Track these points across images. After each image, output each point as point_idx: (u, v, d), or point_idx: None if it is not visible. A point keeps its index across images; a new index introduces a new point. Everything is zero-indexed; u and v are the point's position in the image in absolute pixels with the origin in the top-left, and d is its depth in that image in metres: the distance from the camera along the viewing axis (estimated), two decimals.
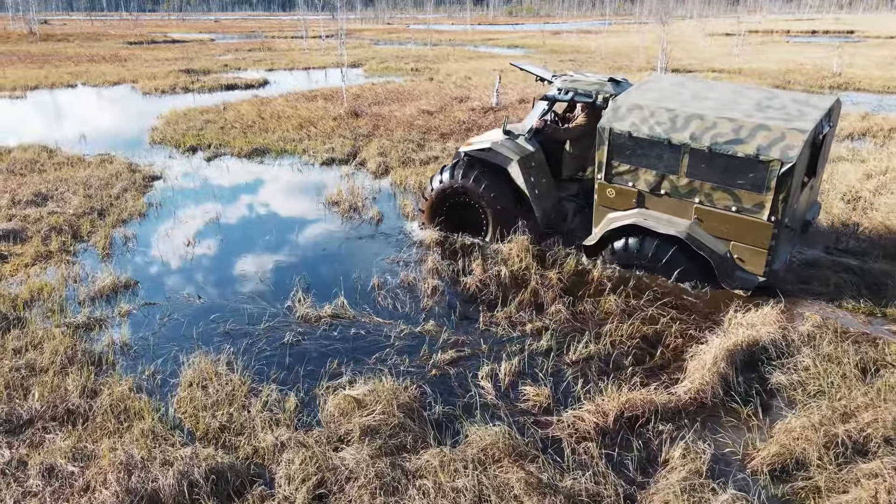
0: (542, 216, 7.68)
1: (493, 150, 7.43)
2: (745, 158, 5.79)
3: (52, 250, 7.92)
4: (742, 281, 6.37)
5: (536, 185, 7.57)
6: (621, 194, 6.74)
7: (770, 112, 6.07)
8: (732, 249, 6.32)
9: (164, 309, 6.52)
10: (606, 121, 6.53)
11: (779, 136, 5.68)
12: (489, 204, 7.65)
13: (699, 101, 6.46)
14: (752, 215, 6.00)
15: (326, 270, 7.51)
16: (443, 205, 8.02)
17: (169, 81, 24.34)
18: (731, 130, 5.89)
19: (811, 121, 5.83)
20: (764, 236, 6.01)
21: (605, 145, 6.59)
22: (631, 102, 6.49)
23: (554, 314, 6.36)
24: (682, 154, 6.13)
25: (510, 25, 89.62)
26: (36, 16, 63.45)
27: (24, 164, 11.89)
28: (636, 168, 6.53)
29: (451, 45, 46.33)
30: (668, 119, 6.21)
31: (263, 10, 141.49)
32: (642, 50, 42.46)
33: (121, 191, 10.39)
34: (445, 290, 6.89)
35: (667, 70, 26.43)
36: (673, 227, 6.36)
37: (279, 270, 7.46)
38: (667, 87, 6.93)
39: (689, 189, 6.27)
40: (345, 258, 7.89)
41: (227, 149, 13.80)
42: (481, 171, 7.59)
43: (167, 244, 8.34)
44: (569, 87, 7.46)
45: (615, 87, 7.31)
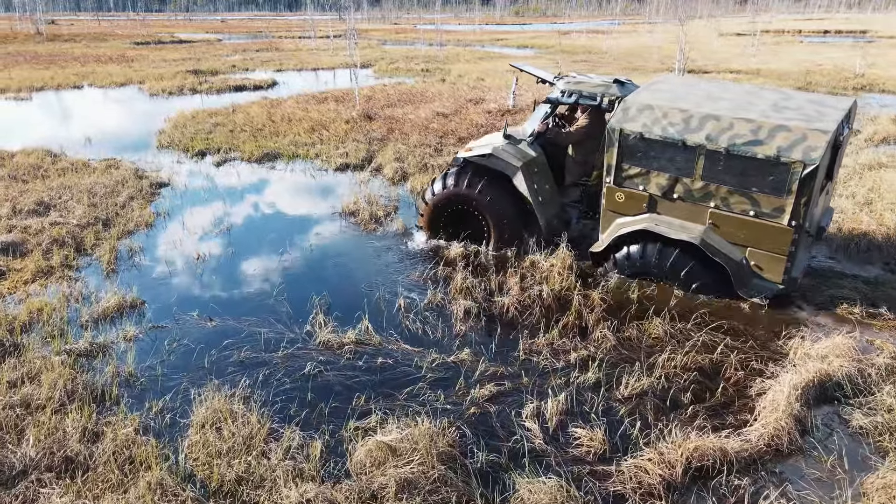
0: (546, 224, 7.37)
1: (495, 157, 7.09)
2: (765, 160, 5.53)
3: (53, 265, 7.42)
4: (759, 289, 6.07)
5: (540, 192, 7.25)
6: (631, 198, 6.44)
7: (787, 113, 5.80)
8: (749, 256, 6.02)
9: (172, 333, 6.00)
10: (616, 121, 6.23)
11: (800, 136, 5.44)
12: (491, 212, 7.34)
13: (713, 101, 6.17)
14: (771, 220, 5.72)
15: (347, 289, 6.97)
16: (442, 213, 7.67)
17: (176, 82, 23.89)
18: (750, 131, 5.61)
19: (832, 121, 5.57)
20: (783, 242, 5.74)
21: (614, 147, 6.29)
22: (642, 103, 6.19)
23: (599, 341, 5.81)
24: (698, 156, 5.85)
25: (518, 25, 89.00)
26: (43, 16, 63.30)
27: (27, 170, 11.41)
28: (647, 171, 6.23)
29: (461, 46, 45.77)
30: (681, 120, 5.93)
31: (270, 10, 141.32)
32: (655, 50, 41.86)
33: (127, 199, 9.89)
34: (479, 312, 6.34)
35: (684, 71, 25.81)
36: (686, 233, 6.07)
37: (296, 288, 6.92)
38: (677, 87, 6.64)
39: (703, 193, 5.99)
40: (366, 275, 7.35)
41: (237, 153, 13.29)
42: (482, 178, 7.25)
43: (175, 258, 7.83)
44: (572, 90, 7.10)
45: (620, 88, 6.99)
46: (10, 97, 21.63)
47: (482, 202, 7.30)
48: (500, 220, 7.36)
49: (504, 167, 7.10)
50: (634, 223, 6.43)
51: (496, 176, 7.22)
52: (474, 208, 7.42)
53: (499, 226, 7.39)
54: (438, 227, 7.84)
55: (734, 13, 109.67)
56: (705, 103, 6.11)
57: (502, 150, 7.08)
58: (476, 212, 7.45)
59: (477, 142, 7.61)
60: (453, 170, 7.52)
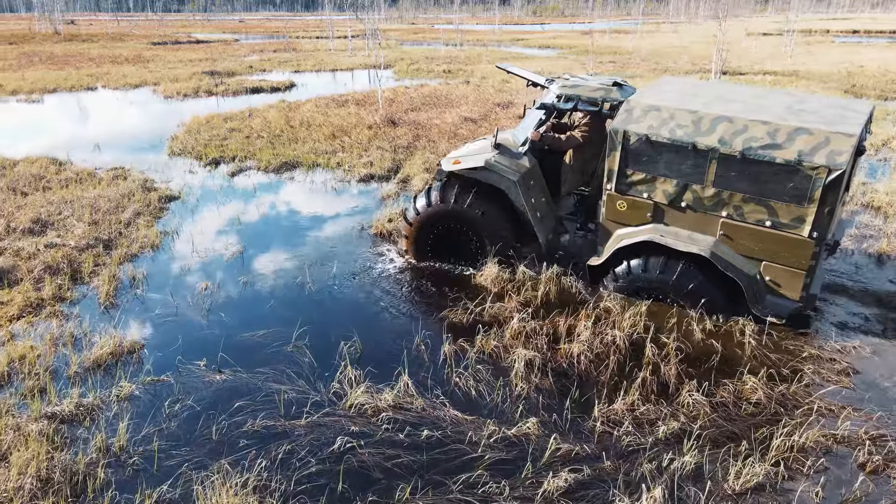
0: (546, 240, 6.76)
1: (488, 170, 6.44)
2: (785, 165, 5.06)
3: (44, 298, 6.51)
4: (775, 307, 5.56)
5: (538, 206, 6.68)
6: (634, 207, 5.93)
7: (805, 116, 5.34)
8: (764, 270, 5.53)
9: (174, 389, 5.04)
10: (620, 123, 5.73)
11: (823, 140, 4.97)
12: (485, 230, 6.72)
13: (723, 103, 5.70)
14: (790, 231, 5.25)
15: (380, 333, 5.97)
16: (429, 231, 6.99)
17: (192, 84, 23.09)
18: (767, 134, 5.15)
19: (856, 125, 5.13)
20: (803, 255, 5.27)
21: (617, 151, 5.79)
22: (647, 104, 5.72)
23: (689, 406, 4.75)
24: (709, 160, 5.38)
25: (538, 25, 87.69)
26: (63, 16, 63.19)
27: (28, 181, 10.56)
28: (653, 177, 5.74)
29: (481, 46, 44.70)
30: (691, 122, 5.46)
31: (287, 9, 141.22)
32: (681, 50, 40.51)
33: (132, 216, 8.98)
34: (542, 364, 5.31)
35: (720, 74, 24.55)
36: (695, 245, 5.58)
37: (320, 331, 5.93)
38: (683, 88, 6.21)
39: (715, 201, 5.51)
40: (402, 315, 6.33)
41: (253, 162, 12.36)
42: (474, 193, 6.62)
43: (181, 288, 6.88)
44: (570, 94, 6.44)
45: (620, 91, 6.41)
46: (22, 99, 20.96)
47: (474, 219, 6.65)
48: (495, 239, 6.73)
49: (498, 181, 6.45)
50: (637, 234, 5.89)
51: (488, 190, 6.59)
52: (465, 226, 6.75)
53: (493, 245, 6.74)
54: (425, 247, 7.13)
55: (754, 13, 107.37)
56: (715, 104, 5.64)
57: (496, 163, 6.42)
58: (467, 230, 6.79)
59: (461, 151, 6.87)
60: (439, 184, 6.82)
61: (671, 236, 5.72)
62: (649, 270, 5.92)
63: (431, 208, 6.77)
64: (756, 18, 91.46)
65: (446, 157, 6.83)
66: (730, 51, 28.87)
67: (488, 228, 6.69)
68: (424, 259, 7.19)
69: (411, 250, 7.22)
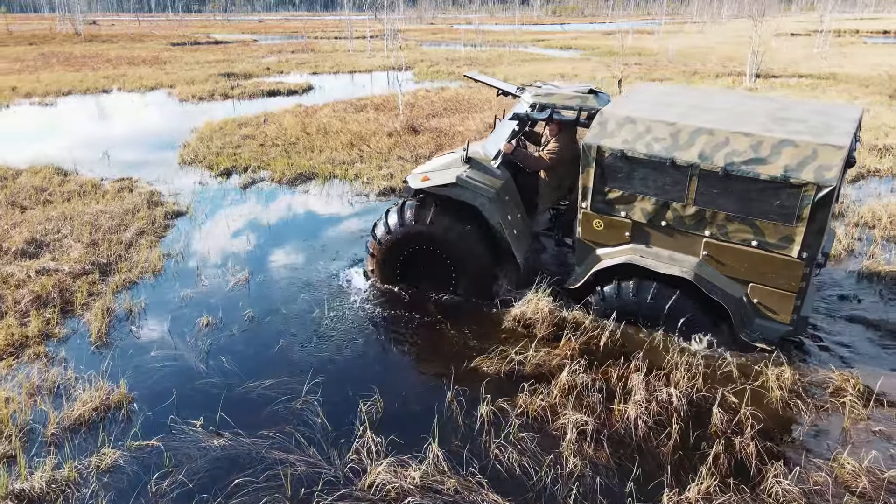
0: (524, 260, 6.30)
1: (460, 186, 5.98)
2: (770, 182, 4.72)
3: (29, 335, 5.84)
4: (764, 331, 5.22)
5: (514, 224, 6.25)
6: (612, 226, 5.59)
7: (791, 125, 5.00)
8: (751, 293, 5.18)
9: (164, 458, 4.31)
10: (593, 138, 5.36)
11: (810, 153, 4.64)
12: (460, 252, 6.22)
13: (701, 112, 5.37)
14: (777, 251, 4.92)
15: (406, 386, 5.19)
16: (398, 254, 6.47)
17: (207, 87, 22.56)
18: (750, 147, 4.81)
19: (845, 135, 4.79)
20: (793, 277, 4.93)
21: (591, 167, 5.44)
22: (621, 115, 5.36)
23: (776, 498, 3.92)
24: (689, 177, 5.04)
25: (558, 25, 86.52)
26: (85, 16, 63.39)
27: (30, 194, 9.97)
28: (631, 194, 5.37)
29: (500, 47, 43.84)
30: (668, 134, 5.11)
31: (306, 9, 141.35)
32: (707, 51, 39.27)
33: (135, 235, 8.31)
34: (595, 431, 4.51)
35: (755, 76, 23.48)
36: (677, 267, 5.26)
37: (334, 384, 5.18)
38: (659, 97, 5.88)
39: (697, 220, 5.16)
40: (431, 363, 5.55)
41: (267, 172, 11.68)
42: (444, 211, 6.17)
43: (180, 324, 6.17)
44: (544, 103, 6.06)
45: (597, 99, 6.05)
46: (35, 102, 20.56)
47: (448, 241, 6.16)
48: (470, 261, 6.25)
49: (471, 197, 6.00)
50: (616, 255, 5.56)
51: (460, 208, 6.14)
52: (439, 248, 6.25)
53: (468, 268, 6.29)
54: (394, 271, 6.61)
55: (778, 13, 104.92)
56: (693, 115, 5.29)
57: (468, 178, 5.99)
58: (441, 252, 6.28)
59: (429, 166, 6.41)
60: (412, 202, 6.31)
61: (651, 257, 5.39)
62: (629, 294, 5.58)
63: (405, 228, 6.25)
64: (782, 18, 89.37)
65: (413, 173, 6.35)
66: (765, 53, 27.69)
67: (463, 251, 6.18)
68: (392, 283, 6.69)
69: (378, 272, 6.70)
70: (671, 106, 5.55)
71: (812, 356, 5.55)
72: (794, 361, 5.31)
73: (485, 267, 6.29)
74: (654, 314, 5.52)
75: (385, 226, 6.38)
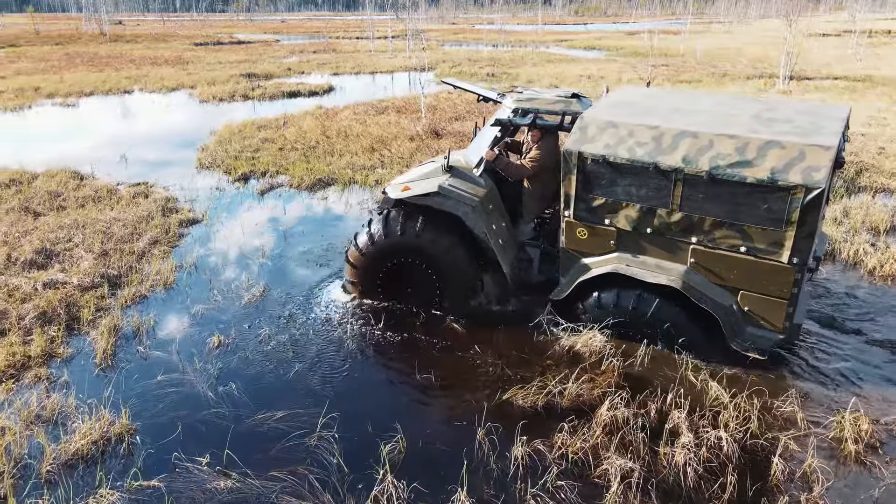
0: (511, 271, 6.07)
1: (443, 195, 5.75)
2: (757, 185, 4.56)
3: (31, 355, 5.53)
4: (756, 340, 5.04)
5: (499, 233, 6.00)
6: (596, 235, 5.40)
7: (777, 126, 4.86)
8: (742, 300, 5.01)
9: (165, 501, 3.94)
10: (573, 143, 5.19)
11: (797, 154, 4.50)
12: (444, 263, 5.97)
13: (685, 115, 5.22)
14: (767, 257, 4.75)
15: (431, 421, 4.78)
16: (379, 267, 6.21)
17: (228, 88, 22.40)
18: (735, 150, 4.67)
19: (833, 134, 4.66)
20: (784, 283, 4.76)
21: (572, 174, 5.26)
22: (602, 120, 5.21)
23: None
24: (674, 182, 4.86)
25: (581, 25, 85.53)
26: (111, 16, 64.10)
27: (43, 199, 9.75)
28: (614, 201, 5.18)
29: (523, 47, 43.28)
30: (651, 138, 4.95)
31: (329, 9, 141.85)
32: (735, 51, 38.30)
33: (147, 244, 8.02)
34: (642, 479, 4.05)
35: (789, 79, 22.67)
36: (665, 275, 5.09)
37: (353, 416, 4.78)
38: (641, 100, 5.69)
39: (684, 226, 4.98)
40: (459, 394, 5.12)
41: (286, 177, 11.37)
42: (427, 222, 5.90)
43: (190, 344, 5.82)
44: (527, 108, 5.88)
45: (581, 104, 5.90)
46: (57, 103, 20.57)
47: (434, 252, 5.91)
48: (455, 273, 6.02)
49: (454, 206, 5.77)
50: (601, 264, 5.39)
51: (444, 218, 5.91)
52: (423, 260, 6.00)
53: (453, 280, 6.04)
54: (375, 284, 6.34)
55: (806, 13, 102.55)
56: (677, 118, 5.15)
57: (450, 187, 5.76)
58: (424, 264, 6.04)
59: (409, 176, 6.18)
60: (394, 212, 6.06)
61: (638, 266, 5.21)
62: (617, 303, 5.40)
63: (388, 239, 5.99)
64: (811, 18, 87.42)
65: (392, 184, 6.14)
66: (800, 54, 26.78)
67: (447, 262, 5.94)
68: (374, 297, 6.42)
69: (358, 286, 6.43)
70: (654, 109, 5.40)
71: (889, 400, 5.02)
72: (869, 405, 4.80)
73: (469, 278, 6.08)
74: (642, 324, 5.35)
75: (367, 239, 6.10)
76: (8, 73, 27.18)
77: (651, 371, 5.25)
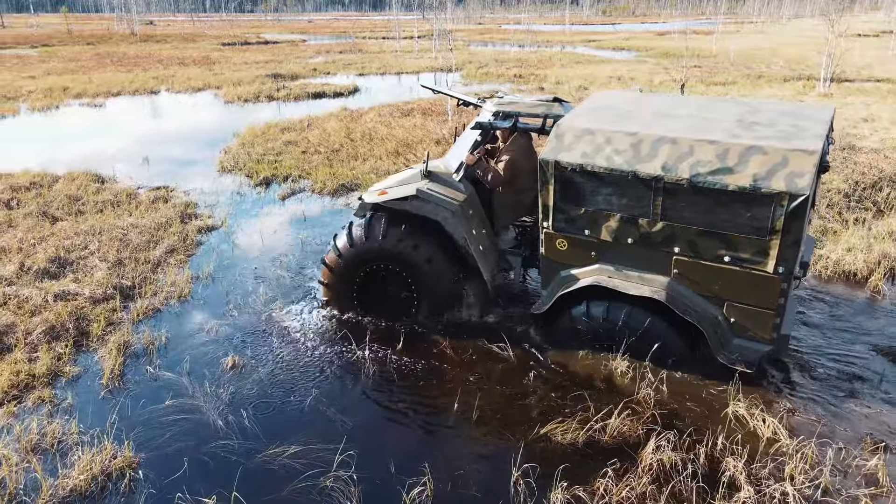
0: (491, 278, 5.90)
1: (421, 199, 5.58)
2: (739, 193, 4.41)
3: (36, 374, 5.25)
4: (743, 352, 4.86)
5: (479, 239, 5.83)
6: (576, 246, 5.22)
7: (759, 130, 4.70)
8: (727, 312, 4.85)
9: None
10: (550, 152, 5.00)
11: (780, 160, 4.34)
12: (422, 271, 5.76)
13: (665, 120, 5.04)
14: (752, 266, 4.59)
15: (461, 458, 4.36)
16: (354, 275, 5.97)
17: (253, 88, 22.27)
18: (716, 157, 4.51)
19: (816, 138, 4.49)
20: (770, 293, 4.61)
21: (550, 184, 5.07)
22: (579, 126, 5.02)
23: None
24: (654, 191, 4.69)
25: (609, 25, 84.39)
26: (143, 17, 64.98)
27: (62, 203, 9.56)
28: (594, 211, 5.01)
29: (552, 48, 42.63)
30: (629, 145, 4.78)
31: (355, 9, 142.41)
32: (769, 52, 37.16)
33: (164, 253, 7.74)
34: None
35: (829, 81, 21.76)
36: (647, 287, 4.93)
37: (370, 453, 4.39)
38: (619, 104, 5.53)
39: (665, 235, 4.81)
40: (493, 428, 4.70)
41: (308, 182, 11.07)
42: (405, 228, 5.73)
43: (202, 364, 5.49)
44: (508, 111, 5.74)
45: (564, 108, 5.71)
46: (84, 103, 20.63)
47: (411, 259, 5.70)
48: (434, 281, 5.80)
49: (433, 211, 5.60)
50: (581, 276, 5.23)
51: (421, 224, 5.74)
52: (400, 268, 5.78)
53: (431, 288, 5.83)
54: (350, 295, 6.09)
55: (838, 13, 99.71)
56: (656, 123, 4.97)
57: (429, 191, 5.59)
58: (402, 272, 5.82)
59: (387, 182, 5.99)
60: (367, 218, 5.86)
61: (620, 278, 5.05)
62: (600, 317, 5.25)
63: (361, 245, 5.77)
64: (846, 18, 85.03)
65: (370, 190, 5.97)
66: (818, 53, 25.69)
67: (426, 269, 5.72)
68: (350, 309, 6.16)
69: (332, 298, 6.18)
70: (634, 113, 5.22)
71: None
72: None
73: (449, 286, 5.87)
74: (626, 337, 5.17)
75: (338, 247, 5.87)
76: (39, 72, 27.48)
77: (695, 401, 4.78)
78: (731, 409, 4.65)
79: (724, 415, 4.64)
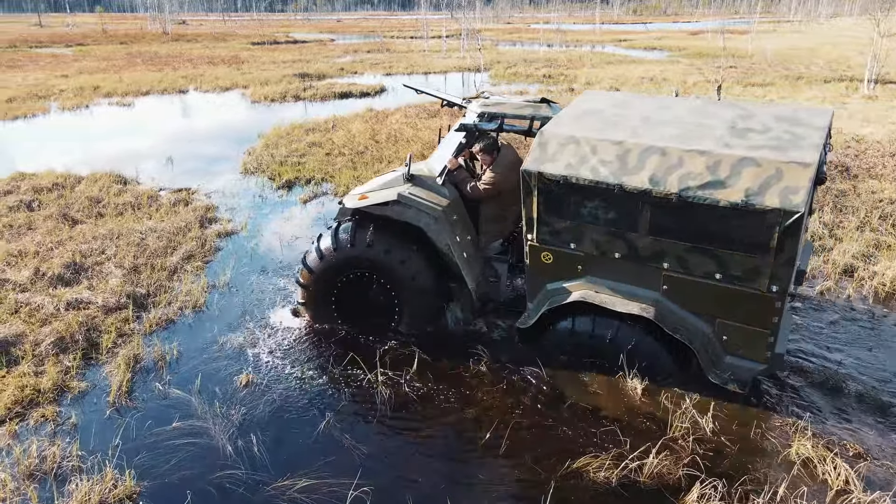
0: (476, 286, 5.69)
1: (402, 204, 5.35)
2: (730, 209, 4.09)
3: (41, 388, 5.03)
4: (736, 371, 4.62)
5: (463, 246, 5.61)
6: (562, 259, 4.98)
7: (753, 137, 4.37)
8: (719, 329, 4.60)
9: None
10: (533, 162, 4.73)
11: (773, 173, 4.02)
12: (404, 279, 5.52)
13: (654, 127, 4.73)
14: (744, 285, 4.30)
15: (488, 497, 4.01)
16: (333, 283, 5.73)
17: (280, 88, 22.18)
18: (706, 169, 4.20)
19: (813, 148, 4.14)
20: (764, 312, 4.32)
21: (533, 195, 4.81)
22: (563, 134, 4.74)
23: None
24: (641, 204, 4.43)
25: (641, 25, 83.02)
26: (176, 16, 65.87)
27: (83, 205, 9.44)
28: (579, 225, 4.75)
29: (582, 47, 41.93)
30: (615, 156, 4.52)
31: (384, 9, 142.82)
32: (807, 52, 35.94)
33: (181, 259, 7.52)
34: None
35: (874, 83, 20.82)
36: (636, 304, 4.70)
37: (388, 488, 4.06)
38: (607, 108, 5.20)
39: (653, 251, 4.56)
40: (522, 462, 4.34)
41: (331, 185, 10.80)
42: (385, 234, 5.50)
43: (214, 381, 5.21)
44: (493, 112, 5.49)
45: (552, 110, 5.51)
46: (114, 102, 20.74)
47: (391, 266, 5.45)
48: (416, 289, 5.56)
49: (415, 217, 5.39)
50: (567, 291, 5.00)
51: (403, 230, 5.51)
52: (379, 275, 5.54)
53: (413, 297, 5.59)
54: (329, 303, 5.85)
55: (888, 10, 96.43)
56: (644, 130, 4.69)
57: (410, 196, 5.36)
58: (382, 280, 5.57)
59: (368, 186, 5.75)
60: (347, 223, 5.61)
61: (606, 294, 4.82)
62: (587, 333, 5.02)
63: (340, 252, 5.51)
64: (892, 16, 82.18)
65: (350, 194, 5.73)
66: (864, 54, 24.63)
67: (407, 277, 5.48)
68: (328, 320, 5.93)
69: (311, 307, 5.93)
70: (621, 119, 4.92)
71: None
72: None
73: (432, 295, 5.64)
74: (615, 354, 4.95)
75: (317, 254, 5.61)
76: (71, 71, 27.84)
77: (748, 443, 4.34)
78: (795, 449, 4.20)
79: (784, 457, 4.19)
